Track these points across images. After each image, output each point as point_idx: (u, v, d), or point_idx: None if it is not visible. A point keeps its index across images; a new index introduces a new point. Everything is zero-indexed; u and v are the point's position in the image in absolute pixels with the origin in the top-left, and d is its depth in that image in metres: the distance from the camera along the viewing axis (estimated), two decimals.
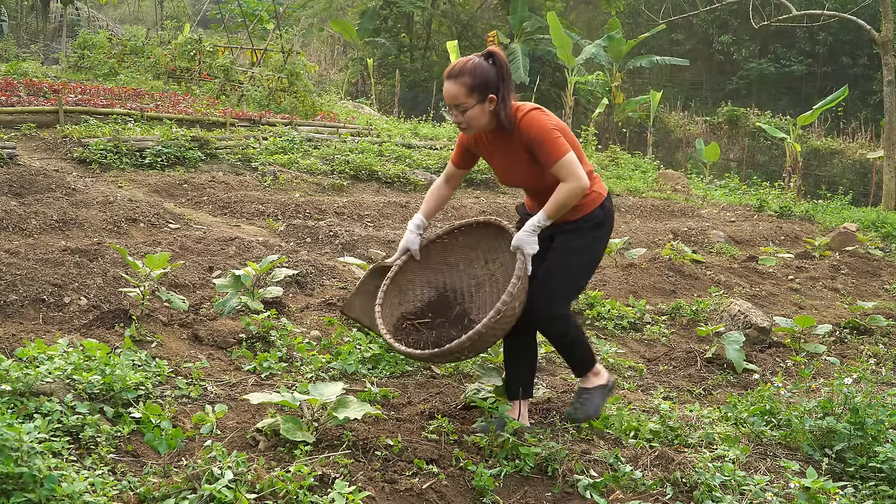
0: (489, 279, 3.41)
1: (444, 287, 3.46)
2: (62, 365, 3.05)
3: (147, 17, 37.30)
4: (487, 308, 3.31)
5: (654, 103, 21.64)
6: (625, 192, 12.85)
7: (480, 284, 3.43)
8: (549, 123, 3.04)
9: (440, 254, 3.45)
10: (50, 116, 10.03)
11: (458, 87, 3.00)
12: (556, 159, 2.99)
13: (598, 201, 3.21)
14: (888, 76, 15.28)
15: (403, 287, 3.39)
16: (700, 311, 5.68)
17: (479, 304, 3.41)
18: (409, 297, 3.42)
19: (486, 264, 3.42)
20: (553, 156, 2.99)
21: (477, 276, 3.44)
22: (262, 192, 8.50)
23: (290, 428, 2.85)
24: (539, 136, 3.01)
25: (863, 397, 3.49)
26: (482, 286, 3.42)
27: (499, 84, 3.03)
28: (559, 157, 2.99)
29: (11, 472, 2.26)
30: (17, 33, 24.60)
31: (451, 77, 3.03)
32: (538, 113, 3.07)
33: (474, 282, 3.44)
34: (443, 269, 3.46)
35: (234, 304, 4.33)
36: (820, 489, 2.85)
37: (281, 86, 15.33)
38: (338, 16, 29.25)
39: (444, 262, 3.45)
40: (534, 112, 3.06)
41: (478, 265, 3.44)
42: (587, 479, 2.91)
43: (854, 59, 28.82)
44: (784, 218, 12.32)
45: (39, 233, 5.69)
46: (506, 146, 3.15)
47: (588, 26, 31.61)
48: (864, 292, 7.49)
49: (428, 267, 3.43)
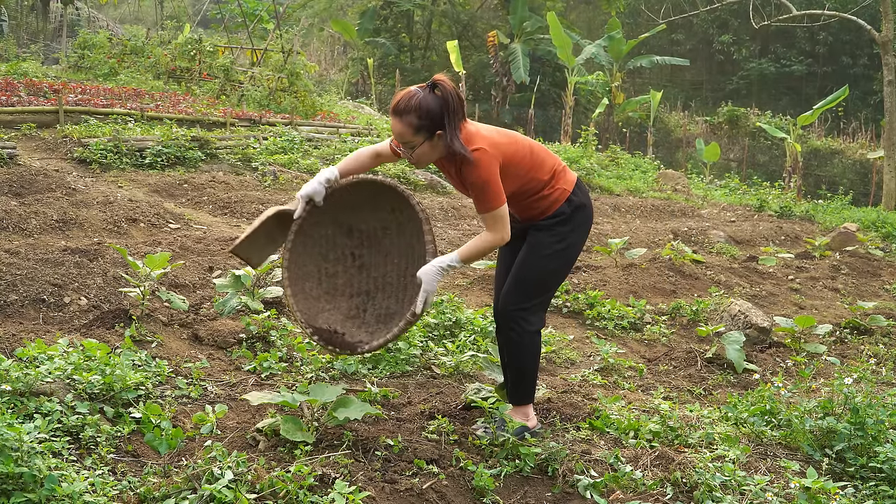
0: (396, 227, 3.34)
1: (349, 227, 3.37)
2: (62, 365, 3.05)
3: (147, 17, 37.31)
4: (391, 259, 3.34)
5: (655, 103, 21.65)
6: (625, 192, 12.85)
7: (386, 229, 3.36)
8: (490, 171, 2.90)
9: (345, 196, 3.28)
10: (50, 116, 10.03)
11: (404, 126, 2.87)
12: (486, 210, 2.93)
13: (563, 198, 3.13)
14: (888, 76, 15.28)
15: (308, 231, 3.25)
16: (700, 311, 5.68)
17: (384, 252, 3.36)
18: (317, 238, 3.30)
19: (392, 212, 3.32)
20: (485, 206, 2.93)
21: (384, 220, 3.35)
22: (263, 192, 8.50)
23: (290, 428, 2.85)
24: (476, 182, 2.90)
25: (863, 397, 3.49)
26: (388, 232, 3.36)
27: (444, 118, 2.86)
28: (489, 210, 2.93)
29: (11, 472, 2.26)
30: (18, 33, 24.60)
31: (396, 114, 2.88)
32: (481, 155, 2.89)
33: (380, 225, 3.36)
34: (348, 209, 3.33)
35: (234, 304, 4.33)
36: (820, 489, 2.85)
37: (281, 86, 15.33)
38: (338, 16, 29.27)
39: (349, 204, 3.31)
40: (477, 154, 2.89)
41: (384, 211, 3.34)
42: (587, 479, 2.91)
43: (854, 59, 28.83)
44: (784, 218, 12.32)
45: (39, 233, 5.69)
46: (455, 168, 3.04)
47: (588, 26, 31.61)
48: (864, 292, 7.49)
49: (334, 206, 3.27)
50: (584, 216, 3.20)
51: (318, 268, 3.33)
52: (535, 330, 3.17)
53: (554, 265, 3.16)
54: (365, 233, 3.39)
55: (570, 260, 3.21)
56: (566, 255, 3.17)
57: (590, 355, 4.72)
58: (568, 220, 3.14)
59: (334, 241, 3.37)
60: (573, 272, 6.62)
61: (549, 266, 3.15)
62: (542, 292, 3.19)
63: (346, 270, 3.37)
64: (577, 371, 4.40)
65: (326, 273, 3.34)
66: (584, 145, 15.23)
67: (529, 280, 3.13)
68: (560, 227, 3.14)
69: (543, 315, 3.24)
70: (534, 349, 3.18)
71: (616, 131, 23.46)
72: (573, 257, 3.22)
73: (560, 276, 3.22)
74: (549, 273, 3.16)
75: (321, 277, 3.33)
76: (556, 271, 3.19)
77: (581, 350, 4.81)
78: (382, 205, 3.32)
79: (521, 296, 3.13)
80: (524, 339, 3.15)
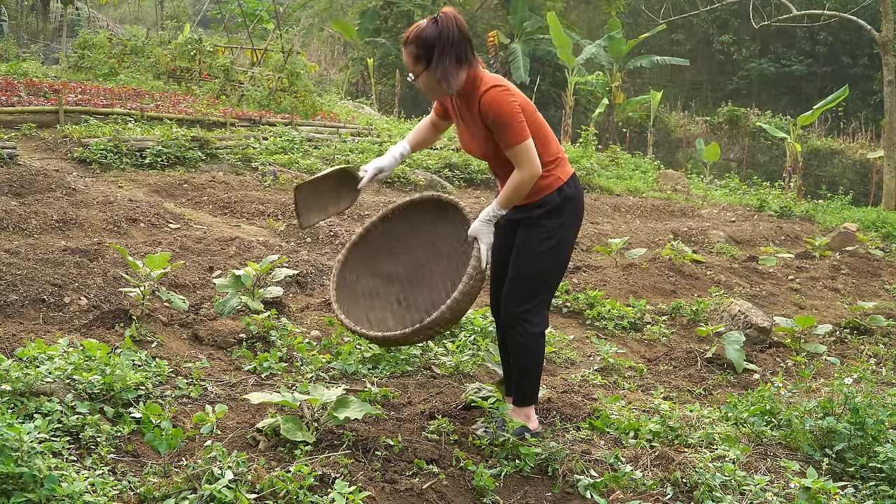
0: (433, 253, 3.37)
1: (388, 277, 3.40)
2: (62, 365, 3.05)
3: (147, 17, 37.30)
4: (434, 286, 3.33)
5: (655, 103, 21.64)
6: (625, 192, 12.85)
7: (422, 266, 3.39)
8: (512, 106, 2.90)
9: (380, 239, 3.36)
10: (50, 116, 10.03)
11: (408, 56, 2.95)
12: (513, 144, 2.90)
13: (556, 185, 3.07)
14: (888, 76, 15.28)
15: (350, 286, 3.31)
16: (700, 311, 5.68)
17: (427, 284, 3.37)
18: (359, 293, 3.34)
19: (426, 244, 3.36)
20: (511, 140, 2.90)
21: (425, 243, 3.38)
22: (263, 192, 8.50)
23: (291, 428, 2.85)
24: (500, 118, 2.89)
25: (863, 397, 3.49)
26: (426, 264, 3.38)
27: (440, 49, 2.88)
28: (517, 143, 2.89)
29: (11, 472, 2.26)
30: (18, 33, 24.61)
31: (403, 45, 2.97)
32: (500, 92, 2.91)
33: (416, 262, 3.40)
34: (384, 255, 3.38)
35: (234, 304, 4.33)
36: (820, 489, 2.85)
37: (281, 86, 15.33)
38: (338, 16, 29.27)
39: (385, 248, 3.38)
40: (495, 90, 2.91)
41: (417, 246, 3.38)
42: (587, 479, 2.91)
43: (854, 59, 28.82)
44: (784, 218, 12.32)
45: (39, 233, 5.69)
46: (470, 115, 3.04)
47: (588, 26, 31.60)
48: (864, 292, 7.49)
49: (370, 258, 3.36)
50: (574, 210, 3.14)
51: (366, 317, 3.33)
52: (539, 331, 3.14)
53: (547, 262, 3.11)
54: (404, 276, 3.41)
55: (564, 255, 3.16)
56: (558, 251, 3.11)
57: (590, 355, 4.72)
58: (556, 213, 3.08)
59: (377, 292, 3.39)
60: (573, 272, 6.62)
61: (542, 264, 3.10)
62: (541, 291, 3.15)
63: (395, 315, 3.37)
64: (577, 371, 4.40)
65: (375, 319, 3.34)
66: (584, 145, 15.23)
67: (525, 280, 3.10)
68: (547, 222, 3.08)
69: (546, 314, 3.21)
70: (538, 351, 3.16)
71: (616, 131, 23.46)
72: (566, 253, 3.16)
73: (556, 273, 3.17)
74: (544, 271, 3.12)
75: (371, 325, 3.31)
76: (551, 269, 3.13)
77: (581, 350, 4.81)
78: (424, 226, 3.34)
79: (520, 297, 3.11)
80: (528, 341, 3.13)
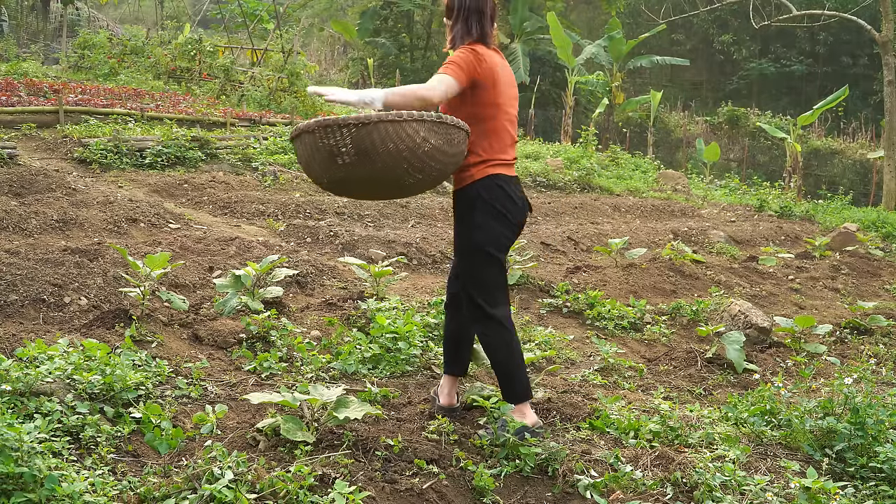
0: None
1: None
2: (62, 365, 3.05)
3: (147, 17, 37.30)
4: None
5: (655, 103, 21.65)
6: (625, 192, 12.85)
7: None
8: (467, 53, 3.03)
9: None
10: (50, 116, 10.03)
11: (444, 8, 3.23)
12: (441, 69, 3.02)
13: (477, 176, 3.06)
14: (888, 76, 15.28)
15: None
16: (700, 311, 5.68)
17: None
18: None
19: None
20: (442, 67, 3.03)
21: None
22: (263, 192, 8.50)
23: (291, 428, 2.85)
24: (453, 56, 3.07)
25: (863, 397, 3.49)
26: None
27: (457, 10, 3.13)
28: (443, 69, 3.00)
29: (12, 472, 2.26)
30: (18, 33, 24.62)
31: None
32: (469, 50, 3.05)
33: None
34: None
35: (234, 304, 4.33)
36: (820, 489, 2.85)
37: (281, 86, 15.35)
38: (338, 16, 29.27)
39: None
40: (466, 47, 3.07)
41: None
42: (587, 479, 2.91)
43: (854, 59, 28.85)
44: (784, 218, 12.33)
45: (39, 233, 5.69)
46: None
47: (588, 26, 31.61)
48: (864, 292, 7.49)
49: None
50: (496, 211, 3.07)
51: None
52: (497, 321, 3.11)
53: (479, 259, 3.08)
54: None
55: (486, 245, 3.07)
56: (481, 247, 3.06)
57: (590, 355, 4.72)
58: (472, 206, 3.06)
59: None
60: (573, 272, 6.62)
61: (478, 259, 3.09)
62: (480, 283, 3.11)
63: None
64: (577, 371, 4.40)
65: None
66: (584, 145, 15.23)
67: (465, 273, 3.16)
68: (467, 216, 3.09)
69: (503, 307, 3.15)
70: (499, 340, 3.12)
71: (616, 131, 23.47)
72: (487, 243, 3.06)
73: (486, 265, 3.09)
74: (476, 265, 3.10)
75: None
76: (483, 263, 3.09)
77: (581, 350, 4.81)
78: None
79: (469, 289, 3.13)
80: (488, 331, 3.13)
